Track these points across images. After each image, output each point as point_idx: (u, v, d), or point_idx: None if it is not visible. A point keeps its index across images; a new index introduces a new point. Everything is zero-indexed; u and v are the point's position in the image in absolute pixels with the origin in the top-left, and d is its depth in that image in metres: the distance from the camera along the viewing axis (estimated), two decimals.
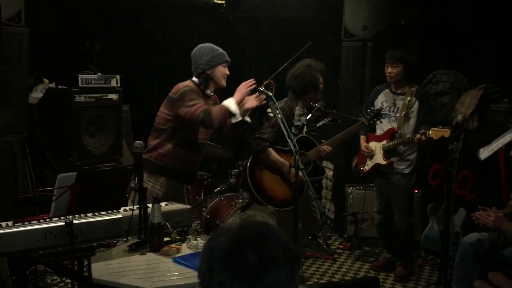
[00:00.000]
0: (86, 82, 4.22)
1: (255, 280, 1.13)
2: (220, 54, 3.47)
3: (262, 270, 1.14)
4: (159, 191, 3.40)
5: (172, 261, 2.55)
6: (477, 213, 3.19)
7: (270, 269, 1.14)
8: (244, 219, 1.17)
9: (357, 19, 5.08)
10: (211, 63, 3.42)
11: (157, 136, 3.45)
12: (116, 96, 4.46)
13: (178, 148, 3.42)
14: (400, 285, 4.17)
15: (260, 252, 1.15)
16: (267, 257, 1.15)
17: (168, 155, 3.41)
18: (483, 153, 3.91)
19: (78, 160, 4.13)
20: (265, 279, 1.14)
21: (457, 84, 4.89)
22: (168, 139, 3.42)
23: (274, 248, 1.17)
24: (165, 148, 3.41)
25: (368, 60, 5.07)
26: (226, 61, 3.47)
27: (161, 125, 3.44)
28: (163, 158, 3.41)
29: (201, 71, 3.44)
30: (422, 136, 3.84)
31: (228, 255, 1.16)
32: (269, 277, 1.14)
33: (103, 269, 2.43)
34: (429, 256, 4.68)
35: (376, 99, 4.26)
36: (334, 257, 4.73)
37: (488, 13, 4.85)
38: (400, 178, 4.15)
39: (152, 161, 3.42)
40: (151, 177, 3.41)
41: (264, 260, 1.14)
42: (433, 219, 4.32)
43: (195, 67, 3.46)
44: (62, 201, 2.48)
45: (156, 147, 3.43)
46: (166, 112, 3.42)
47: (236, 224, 1.22)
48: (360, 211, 4.80)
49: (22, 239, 2.46)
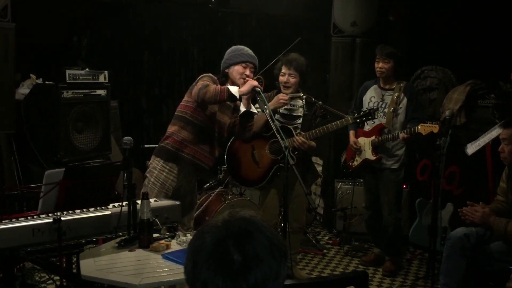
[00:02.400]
0: (74, 78, 4.18)
1: (239, 278, 1.13)
2: (240, 54, 3.42)
3: (246, 268, 1.13)
4: (173, 181, 3.37)
5: (162, 257, 2.54)
6: (464, 209, 3.21)
7: (255, 267, 1.14)
8: (229, 215, 1.14)
9: (346, 15, 5.09)
10: (228, 61, 3.43)
11: (174, 123, 3.44)
12: (104, 92, 4.42)
13: (193, 136, 3.37)
14: (389, 279, 4.21)
15: (244, 250, 1.14)
16: (251, 255, 1.14)
17: (184, 142, 3.36)
18: (470, 148, 3.95)
19: (66, 156, 4.10)
20: (249, 277, 1.13)
21: (444, 80, 4.93)
22: (184, 126, 3.38)
23: (259, 245, 1.16)
24: (181, 135, 3.37)
25: (357, 56, 5.09)
26: (246, 61, 3.39)
27: (180, 113, 3.43)
28: (179, 146, 3.37)
29: (221, 69, 3.47)
30: (406, 135, 3.90)
31: (212, 254, 1.15)
32: (254, 274, 1.13)
33: (92, 266, 2.42)
34: (417, 250, 4.73)
35: (364, 95, 4.29)
36: (324, 252, 4.75)
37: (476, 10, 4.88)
38: (388, 173, 4.18)
39: (168, 149, 3.38)
40: (166, 164, 3.37)
41: (248, 258, 1.14)
42: (421, 214, 4.36)
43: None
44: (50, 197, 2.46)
45: (172, 134, 3.40)
46: (185, 99, 3.44)
47: (220, 220, 1.21)
48: (349, 207, 4.82)
49: (9, 236, 2.43)
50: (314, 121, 3.92)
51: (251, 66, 3.42)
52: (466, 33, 4.94)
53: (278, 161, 3.86)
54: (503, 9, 4.61)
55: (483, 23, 4.79)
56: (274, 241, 1.19)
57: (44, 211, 2.54)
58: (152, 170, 3.40)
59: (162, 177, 3.36)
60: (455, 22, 5.07)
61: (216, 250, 1.15)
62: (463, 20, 4.97)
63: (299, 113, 3.94)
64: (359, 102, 4.31)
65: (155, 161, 3.41)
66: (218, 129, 3.48)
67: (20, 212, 3.30)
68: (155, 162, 3.41)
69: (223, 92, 3.17)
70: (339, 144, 5.07)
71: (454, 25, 5.08)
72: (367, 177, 4.39)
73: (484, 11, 4.81)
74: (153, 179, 3.37)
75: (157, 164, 3.39)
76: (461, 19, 5.00)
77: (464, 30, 4.97)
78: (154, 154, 3.46)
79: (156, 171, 3.37)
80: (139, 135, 5.65)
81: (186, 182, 3.48)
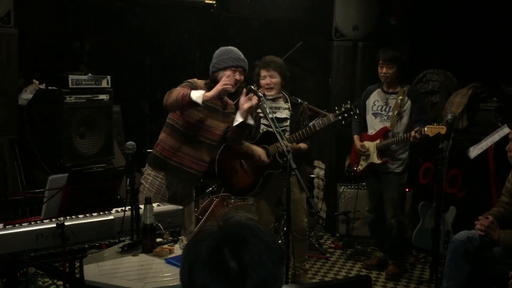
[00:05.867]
0: (77, 83, 4.19)
1: (237, 285, 1.11)
2: (228, 58, 3.32)
3: (244, 275, 1.11)
4: (167, 188, 3.38)
5: (165, 262, 2.54)
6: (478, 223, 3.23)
7: (252, 273, 1.12)
8: (223, 220, 1.12)
9: (347, 19, 5.10)
10: (216, 65, 3.35)
11: (164, 130, 3.45)
12: (106, 97, 4.43)
13: (180, 143, 3.37)
14: (392, 283, 4.20)
15: (240, 257, 1.12)
16: (247, 262, 1.12)
17: (171, 150, 3.36)
18: (473, 152, 3.95)
19: (69, 161, 4.11)
20: (247, 283, 1.11)
21: (446, 83, 4.93)
22: (171, 133, 3.39)
23: (255, 250, 1.14)
24: (168, 142, 3.38)
25: (359, 59, 5.09)
26: (235, 65, 3.29)
27: (168, 119, 3.44)
28: (167, 153, 3.37)
29: (210, 72, 3.41)
30: (416, 133, 3.86)
31: (207, 263, 1.13)
32: (251, 280, 1.12)
33: (95, 271, 2.42)
34: (420, 254, 4.72)
35: (368, 99, 4.28)
36: (326, 256, 4.75)
37: (477, 13, 4.89)
38: (392, 177, 4.17)
39: (157, 156, 3.40)
40: (158, 173, 3.39)
41: (245, 265, 1.12)
42: (424, 218, 4.35)
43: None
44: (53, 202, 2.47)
45: (161, 141, 3.42)
46: None
47: (215, 227, 1.18)
48: (352, 210, 4.82)
49: (13, 241, 2.44)
50: (302, 123, 3.85)
51: (240, 70, 3.32)
52: (468, 36, 4.94)
53: (266, 168, 3.81)
54: (504, 12, 4.62)
55: (485, 26, 4.80)
56: (270, 244, 1.17)
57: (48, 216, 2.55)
58: (146, 176, 3.43)
59: (156, 184, 3.38)
60: (456, 25, 5.07)
61: (212, 259, 1.13)
62: (465, 23, 4.98)
63: (285, 115, 3.84)
64: (362, 106, 4.30)
65: (148, 169, 3.44)
66: (209, 135, 3.42)
67: (24, 217, 3.32)
68: (148, 169, 3.44)
69: (184, 97, 3.10)
70: (341, 148, 5.06)
71: (455, 28, 5.08)
72: (370, 181, 4.38)
73: (486, 14, 4.82)
74: (148, 185, 3.39)
75: (150, 172, 3.41)
76: (463, 22, 5.00)
77: (465, 33, 4.97)
78: (147, 162, 3.48)
79: (150, 178, 3.40)
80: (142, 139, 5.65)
81: (181, 187, 3.49)
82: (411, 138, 3.92)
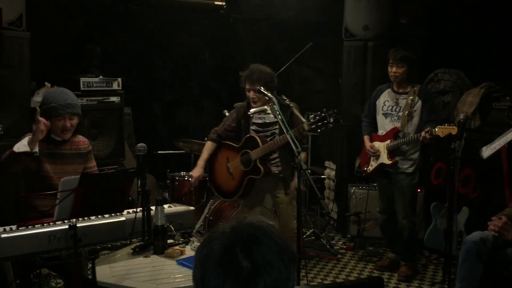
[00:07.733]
0: (88, 85, 4.23)
1: (249, 285, 1.12)
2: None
3: (256, 274, 1.12)
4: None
5: (176, 263, 2.55)
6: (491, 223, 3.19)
7: (264, 273, 1.13)
8: (236, 221, 1.13)
9: (357, 19, 5.07)
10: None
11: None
12: (118, 99, 4.46)
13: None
14: (405, 284, 4.17)
15: (252, 257, 1.13)
16: (260, 262, 1.13)
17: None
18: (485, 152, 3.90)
19: None
20: (259, 283, 1.12)
21: (458, 83, 4.89)
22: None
23: (267, 251, 1.15)
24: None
25: (370, 59, 5.07)
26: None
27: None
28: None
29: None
30: (427, 134, 3.83)
31: (220, 262, 1.14)
32: (263, 280, 1.13)
33: (107, 272, 2.43)
34: (433, 255, 4.68)
35: (378, 99, 4.26)
36: (338, 257, 4.73)
37: (489, 12, 4.84)
38: (403, 177, 4.15)
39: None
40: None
41: (257, 265, 1.13)
42: (436, 218, 4.31)
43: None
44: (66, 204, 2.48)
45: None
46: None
47: (227, 227, 1.20)
48: (363, 211, 4.79)
49: (26, 243, 2.46)
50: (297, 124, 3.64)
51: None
52: (480, 35, 4.90)
53: (248, 173, 3.84)
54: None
55: (497, 25, 4.75)
56: (282, 245, 1.19)
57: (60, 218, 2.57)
58: None
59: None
60: (468, 24, 5.03)
61: (224, 258, 1.14)
62: (476, 22, 4.93)
63: (273, 119, 3.72)
64: (372, 107, 4.28)
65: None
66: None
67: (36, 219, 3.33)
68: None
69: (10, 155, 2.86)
70: (352, 148, 5.04)
71: (467, 27, 5.04)
72: (381, 181, 4.35)
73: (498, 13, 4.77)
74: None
75: None
76: (474, 21, 4.95)
77: (477, 32, 4.93)
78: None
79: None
80: (153, 141, 5.68)
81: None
82: (421, 139, 3.89)
